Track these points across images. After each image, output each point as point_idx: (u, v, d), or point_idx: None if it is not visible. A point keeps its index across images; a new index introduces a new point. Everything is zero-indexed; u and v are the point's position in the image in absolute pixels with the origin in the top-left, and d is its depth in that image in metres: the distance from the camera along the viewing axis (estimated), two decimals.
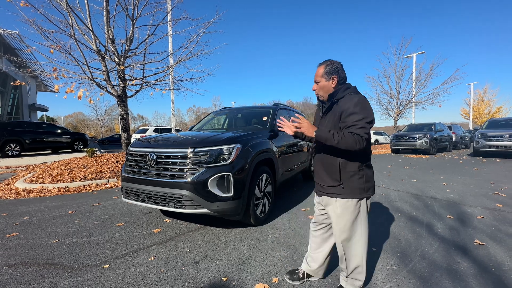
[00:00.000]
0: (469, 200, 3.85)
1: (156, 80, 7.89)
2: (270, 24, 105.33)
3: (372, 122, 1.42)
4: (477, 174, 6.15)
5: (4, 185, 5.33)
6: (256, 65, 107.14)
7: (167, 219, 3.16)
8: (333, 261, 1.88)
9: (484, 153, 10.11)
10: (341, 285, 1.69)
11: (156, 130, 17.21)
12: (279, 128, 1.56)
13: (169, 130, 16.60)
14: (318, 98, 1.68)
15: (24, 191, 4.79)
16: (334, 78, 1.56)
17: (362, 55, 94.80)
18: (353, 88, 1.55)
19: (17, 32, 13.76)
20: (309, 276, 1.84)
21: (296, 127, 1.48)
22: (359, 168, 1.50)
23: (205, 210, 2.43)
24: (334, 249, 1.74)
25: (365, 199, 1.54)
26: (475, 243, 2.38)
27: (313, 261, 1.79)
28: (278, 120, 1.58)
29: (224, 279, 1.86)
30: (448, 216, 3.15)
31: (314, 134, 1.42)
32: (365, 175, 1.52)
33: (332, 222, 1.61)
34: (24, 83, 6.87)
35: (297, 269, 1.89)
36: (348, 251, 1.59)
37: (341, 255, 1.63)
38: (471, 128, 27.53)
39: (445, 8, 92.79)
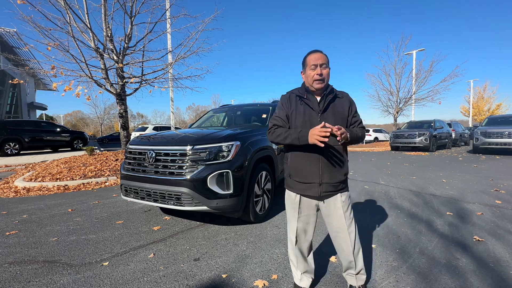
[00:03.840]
0: (468, 197, 3.86)
1: (155, 78, 7.85)
2: (270, 20, 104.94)
3: None
4: (476, 171, 6.16)
5: (4, 184, 5.32)
6: (255, 62, 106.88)
7: (166, 217, 3.16)
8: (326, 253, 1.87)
9: (483, 150, 10.12)
10: (350, 285, 1.59)
11: (155, 128, 17.18)
12: (320, 140, 1.25)
13: (168, 128, 16.56)
14: (298, 93, 1.51)
15: (23, 189, 4.78)
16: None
17: (362, 52, 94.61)
18: None
19: (15, 30, 13.66)
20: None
21: (342, 133, 1.25)
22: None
23: (204, 208, 2.43)
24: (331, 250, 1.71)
25: None
26: (474, 239, 2.39)
27: (310, 271, 1.65)
28: (323, 130, 1.24)
29: (224, 276, 1.86)
30: (448, 213, 3.15)
31: (349, 137, 1.34)
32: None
33: (337, 220, 1.48)
34: (22, 82, 6.84)
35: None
36: (357, 243, 1.52)
37: (350, 253, 1.50)
38: (470, 125, 27.55)
39: (445, 5, 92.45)
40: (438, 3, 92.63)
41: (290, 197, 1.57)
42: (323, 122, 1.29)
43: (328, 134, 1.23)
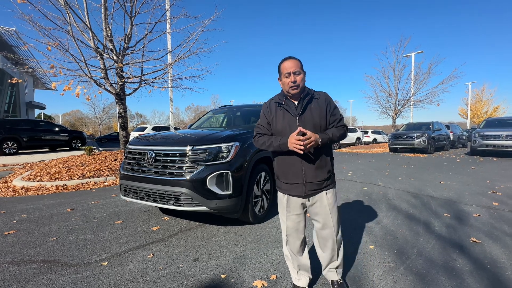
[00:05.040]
0: (466, 199, 3.88)
1: (155, 78, 7.86)
2: (269, 22, 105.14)
3: None
4: (474, 173, 6.20)
5: (2, 183, 5.30)
6: (255, 63, 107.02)
7: (165, 217, 3.16)
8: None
9: (481, 152, 10.18)
10: (333, 281, 1.66)
11: (154, 128, 17.16)
12: (297, 150, 1.39)
13: (167, 128, 16.55)
14: (277, 100, 1.58)
15: (22, 189, 4.77)
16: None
17: (361, 54, 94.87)
18: None
19: (14, 29, 13.61)
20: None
21: (309, 144, 1.38)
22: (332, 154, 1.62)
23: (203, 208, 2.44)
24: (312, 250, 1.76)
25: None
26: (471, 241, 2.41)
27: (306, 269, 1.68)
28: (297, 143, 1.37)
29: (223, 276, 1.87)
30: (445, 214, 3.17)
31: (320, 141, 1.43)
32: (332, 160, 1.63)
33: (323, 217, 1.56)
34: (21, 81, 6.83)
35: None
36: (339, 238, 1.62)
37: (334, 247, 1.59)
38: (468, 128, 27.68)
39: (444, 8, 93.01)
40: (437, 6, 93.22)
41: (280, 198, 1.66)
42: (298, 128, 1.39)
43: (301, 146, 1.36)
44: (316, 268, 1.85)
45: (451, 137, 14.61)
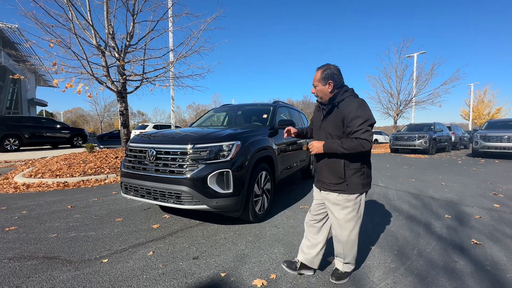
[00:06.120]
0: (467, 200, 3.87)
1: (156, 76, 7.86)
2: (271, 21, 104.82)
3: (373, 124, 1.56)
4: (475, 175, 6.18)
5: (3, 180, 5.32)
6: (256, 62, 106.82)
7: (166, 215, 3.16)
8: (326, 254, 1.89)
9: (483, 153, 10.15)
10: (337, 268, 1.83)
11: (155, 127, 17.15)
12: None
13: (168, 126, 16.55)
14: (317, 100, 1.78)
15: (23, 185, 4.79)
16: (330, 83, 1.65)
17: (363, 54, 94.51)
18: (351, 91, 1.67)
19: (16, 25, 13.64)
20: (304, 267, 1.86)
21: (310, 148, 1.69)
22: (361, 166, 1.65)
23: (204, 206, 2.44)
24: (329, 239, 1.86)
25: (364, 193, 1.70)
26: (472, 242, 2.40)
27: (311, 247, 1.84)
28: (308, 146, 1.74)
29: (223, 274, 1.87)
30: (446, 216, 3.16)
31: (323, 150, 1.63)
32: (366, 172, 1.68)
33: (331, 214, 1.73)
34: (23, 77, 6.83)
35: (294, 260, 1.94)
36: (347, 240, 1.72)
37: (340, 244, 1.76)
38: (470, 129, 27.59)
39: (447, 9, 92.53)
40: (440, 7, 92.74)
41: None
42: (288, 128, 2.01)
43: (290, 133, 2.01)
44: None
45: (453, 139, 14.56)
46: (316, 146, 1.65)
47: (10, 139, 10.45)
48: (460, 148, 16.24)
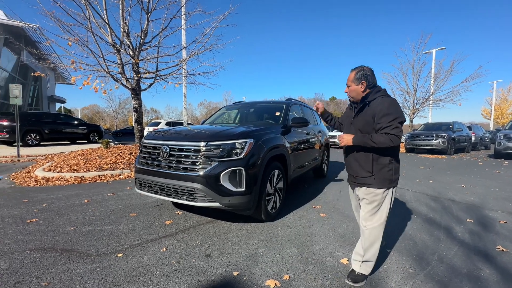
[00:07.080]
0: (490, 204, 3.67)
1: (169, 73, 7.94)
2: (283, 18, 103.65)
3: (403, 122, 1.64)
4: (498, 177, 5.86)
5: (25, 173, 5.56)
6: (267, 60, 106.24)
7: (178, 211, 3.19)
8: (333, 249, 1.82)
9: (506, 155, 9.62)
10: (353, 269, 1.81)
11: (168, 124, 17.44)
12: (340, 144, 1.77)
13: (180, 123, 16.78)
14: (350, 100, 1.89)
15: (43, 179, 4.98)
16: (363, 83, 1.75)
17: (378, 51, 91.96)
18: (383, 91, 1.74)
19: (38, 25, 14.16)
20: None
21: (340, 140, 1.77)
22: (390, 161, 1.71)
23: (216, 204, 2.43)
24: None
25: (392, 188, 1.74)
26: (498, 249, 2.27)
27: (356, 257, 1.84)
28: (338, 138, 1.80)
29: (235, 273, 1.86)
30: (468, 220, 3.01)
31: (352, 142, 1.71)
32: (394, 168, 1.72)
33: (361, 207, 1.82)
34: (43, 75, 7.08)
35: (354, 271, 1.81)
36: (370, 235, 1.73)
37: (362, 237, 1.78)
38: (492, 129, 26.28)
39: (468, 2, 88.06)
40: (461, 0, 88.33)
41: None
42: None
43: (318, 108, 2.20)
44: (326, 267, 1.79)
45: (473, 139, 13.91)
46: (346, 138, 1.73)
47: (32, 135, 10.91)
48: (481, 148, 15.49)
